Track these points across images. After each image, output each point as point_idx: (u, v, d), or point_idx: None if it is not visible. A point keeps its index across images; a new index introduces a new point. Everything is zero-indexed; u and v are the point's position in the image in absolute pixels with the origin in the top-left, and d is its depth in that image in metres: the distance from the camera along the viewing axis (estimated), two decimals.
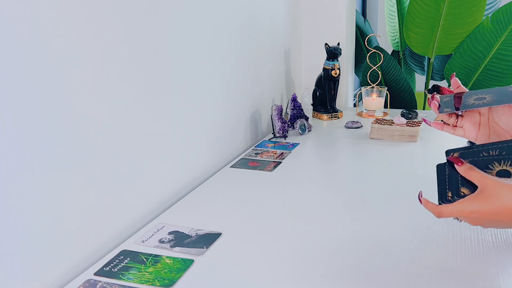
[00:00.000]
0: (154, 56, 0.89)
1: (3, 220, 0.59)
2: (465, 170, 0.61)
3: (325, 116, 1.66)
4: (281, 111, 1.39)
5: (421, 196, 0.65)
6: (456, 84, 0.78)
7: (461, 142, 1.38)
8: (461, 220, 0.63)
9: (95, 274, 0.69)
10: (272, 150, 1.30)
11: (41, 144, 0.63)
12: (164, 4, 0.91)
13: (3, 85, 0.57)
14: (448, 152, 0.66)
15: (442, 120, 0.80)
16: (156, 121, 0.91)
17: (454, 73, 0.79)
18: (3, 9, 0.56)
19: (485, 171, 0.61)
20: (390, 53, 2.24)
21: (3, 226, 0.59)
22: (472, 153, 0.64)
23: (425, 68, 2.36)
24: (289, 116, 1.51)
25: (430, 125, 0.79)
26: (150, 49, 0.88)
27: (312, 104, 1.70)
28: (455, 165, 0.62)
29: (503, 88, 0.66)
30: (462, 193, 0.60)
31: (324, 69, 1.64)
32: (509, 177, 0.60)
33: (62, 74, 0.66)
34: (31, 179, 0.62)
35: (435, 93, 0.70)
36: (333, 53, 1.60)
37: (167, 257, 0.73)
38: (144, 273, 0.69)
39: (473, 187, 0.60)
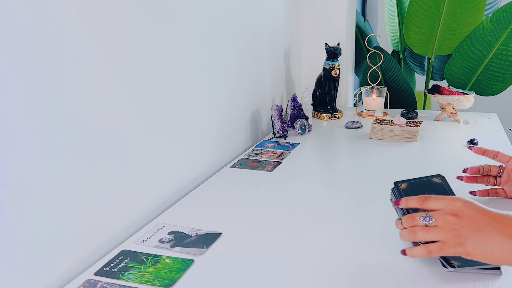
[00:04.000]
0: (153, 56, 0.89)
1: (3, 220, 0.59)
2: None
3: (325, 116, 1.66)
4: (281, 111, 1.39)
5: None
6: (482, 151, 0.88)
7: (460, 142, 1.39)
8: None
9: (95, 274, 0.69)
10: (272, 150, 1.30)
11: (40, 146, 0.63)
12: (166, 5, 0.91)
13: (9, 83, 0.57)
14: (396, 183, 0.71)
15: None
16: (156, 121, 0.91)
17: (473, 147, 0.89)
18: (7, 6, 0.56)
19: None
20: (390, 53, 2.24)
21: (3, 226, 0.59)
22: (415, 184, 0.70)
23: (425, 68, 2.36)
24: (289, 116, 1.51)
25: (477, 195, 0.90)
26: (149, 49, 0.88)
27: (312, 104, 1.70)
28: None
29: None
30: None
31: (324, 69, 1.64)
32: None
33: (64, 74, 0.66)
34: (30, 180, 0.62)
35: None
36: (333, 53, 1.60)
37: (167, 257, 0.73)
38: (144, 273, 0.69)
39: None
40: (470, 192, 0.91)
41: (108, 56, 0.76)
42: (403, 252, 0.64)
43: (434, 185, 0.69)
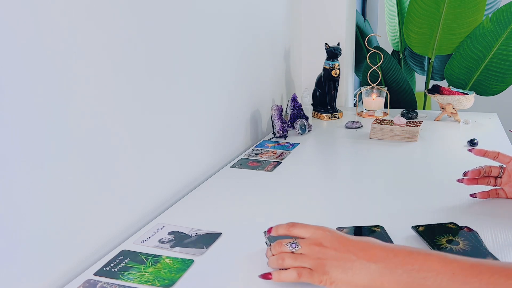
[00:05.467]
0: (154, 57, 0.89)
1: (3, 220, 0.59)
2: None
3: (325, 116, 1.66)
4: (281, 111, 1.39)
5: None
6: (482, 153, 0.90)
7: (460, 142, 1.38)
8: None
9: (95, 274, 0.69)
10: (272, 150, 1.30)
11: (41, 145, 0.63)
12: (166, 6, 0.91)
13: (4, 84, 0.57)
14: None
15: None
16: (155, 121, 0.91)
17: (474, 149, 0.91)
18: (2, 8, 0.56)
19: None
20: (390, 53, 2.24)
21: (3, 226, 0.59)
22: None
23: (425, 68, 2.36)
24: (289, 116, 1.51)
25: (477, 197, 0.90)
26: (149, 50, 0.88)
27: (312, 104, 1.70)
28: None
29: None
30: None
31: (324, 69, 1.64)
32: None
33: (63, 71, 0.66)
34: (31, 180, 0.62)
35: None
36: (333, 53, 1.60)
37: (167, 257, 0.73)
38: (144, 273, 0.69)
39: None
40: (471, 195, 0.91)
41: (109, 58, 0.76)
42: (266, 276, 0.63)
43: None
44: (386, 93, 1.70)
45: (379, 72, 1.99)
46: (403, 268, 0.55)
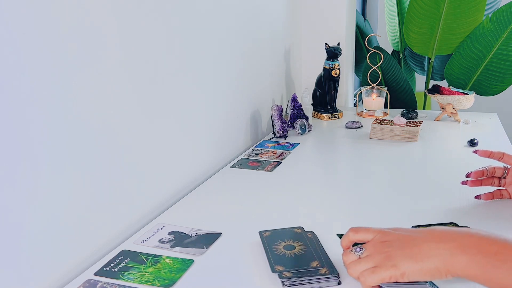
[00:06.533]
0: (154, 57, 0.89)
1: (3, 220, 0.59)
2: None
3: (325, 116, 1.66)
4: (281, 111, 1.39)
5: None
6: (487, 154, 0.90)
7: (460, 142, 1.38)
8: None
9: (95, 274, 0.69)
10: (272, 150, 1.30)
11: (41, 144, 0.63)
12: (168, 7, 0.91)
13: (6, 83, 0.57)
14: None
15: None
16: (155, 121, 0.91)
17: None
18: (5, 4, 0.56)
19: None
20: (390, 53, 2.24)
21: (3, 226, 0.59)
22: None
23: (425, 68, 2.36)
24: (289, 116, 1.51)
25: (482, 198, 0.90)
26: (151, 50, 0.88)
27: (312, 104, 1.70)
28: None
29: None
30: None
31: (324, 69, 1.64)
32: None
33: (65, 73, 0.66)
34: (31, 179, 0.62)
35: None
36: (333, 53, 1.60)
37: (167, 257, 0.73)
38: (144, 273, 0.69)
39: None
40: (476, 197, 0.90)
41: (112, 59, 0.76)
42: None
43: (295, 234, 0.77)
44: (386, 93, 1.70)
45: (379, 72, 1.99)
46: (478, 248, 0.50)
